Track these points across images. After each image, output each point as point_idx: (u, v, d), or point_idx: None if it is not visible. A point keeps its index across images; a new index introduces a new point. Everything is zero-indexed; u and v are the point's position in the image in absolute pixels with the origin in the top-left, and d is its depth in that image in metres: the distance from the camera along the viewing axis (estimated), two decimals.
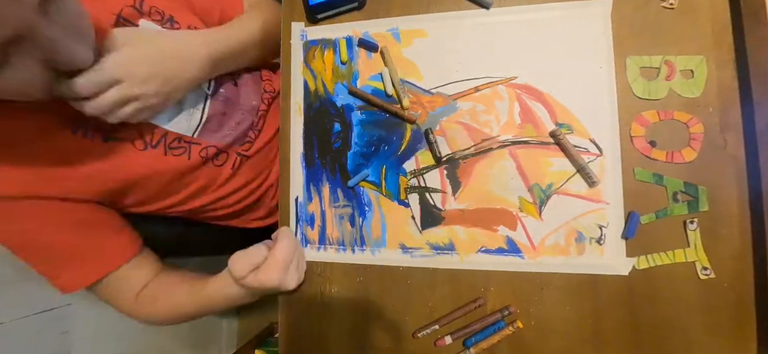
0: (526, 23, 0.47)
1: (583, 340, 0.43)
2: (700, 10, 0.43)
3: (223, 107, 0.55)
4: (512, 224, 0.46)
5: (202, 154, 0.54)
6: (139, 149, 0.48)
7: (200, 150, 0.53)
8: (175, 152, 0.51)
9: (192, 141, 0.53)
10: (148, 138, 0.49)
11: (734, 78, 0.42)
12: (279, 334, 0.52)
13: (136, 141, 0.48)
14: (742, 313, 0.40)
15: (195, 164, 0.53)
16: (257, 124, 0.60)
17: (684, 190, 0.42)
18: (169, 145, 0.51)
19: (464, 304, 0.46)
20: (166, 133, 0.50)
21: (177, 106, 0.51)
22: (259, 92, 0.61)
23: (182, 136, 0.52)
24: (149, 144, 0.49)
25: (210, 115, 0.54)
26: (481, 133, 0.48)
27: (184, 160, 0.52)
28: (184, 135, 0.52)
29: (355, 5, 0.52)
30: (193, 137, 0.53)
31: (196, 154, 0.53)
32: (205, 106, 0.54)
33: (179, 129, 0.51)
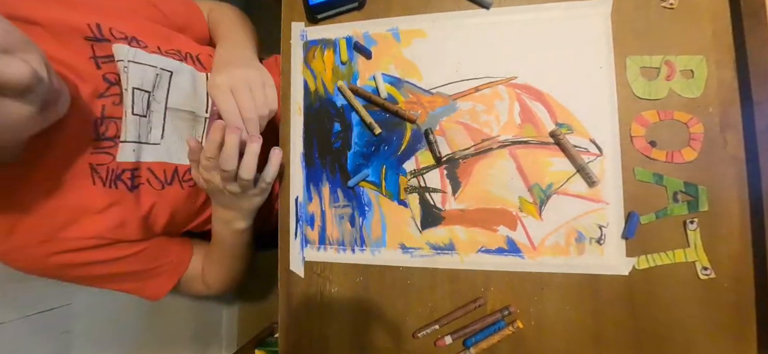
0: (526, 23, 0.47)
1: (583, 340, 0.43)
2: (700, 10, 0.43)
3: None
4: (512, 224, 0.46)
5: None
6: (157, 189, 0.50)
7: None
8: (189, 184, 0.53)
9: None
10: (163, 177, 0.50)
11: (734, 78, 0.42)
12: (279, 334, 0.52)
13: (154, 181, 0.50)
14: (742, 312, 0.40)
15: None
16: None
17: (684, 190, 0.42)
18: (182, 178, 0.52)
19: (464, 304, 0.46)
20: (176, 167, 0.52)
21: (177, 138, 0.52)
22: None
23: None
24: (165, 182, 0.51)
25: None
26: (481, 133, 0.47)
27: (196, 189, 0.54)
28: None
29: (355, 5, 0.52)
30: None
31: None
32: (204, 128, 0.55)
33: (185, 161, 0.52)
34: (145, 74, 0.48)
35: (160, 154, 0.50)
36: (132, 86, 0.46)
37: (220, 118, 0.46)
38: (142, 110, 0.48)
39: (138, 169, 0.48)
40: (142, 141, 0.48)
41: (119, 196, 0.46)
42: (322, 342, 0.50)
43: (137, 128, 0.48)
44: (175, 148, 0.51)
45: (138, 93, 0.47)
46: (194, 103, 0.53)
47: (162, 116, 0.50)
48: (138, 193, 0.48)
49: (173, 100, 0.51)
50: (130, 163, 0.47)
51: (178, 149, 0.52)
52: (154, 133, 0.49)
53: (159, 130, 0.50)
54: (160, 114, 0.50)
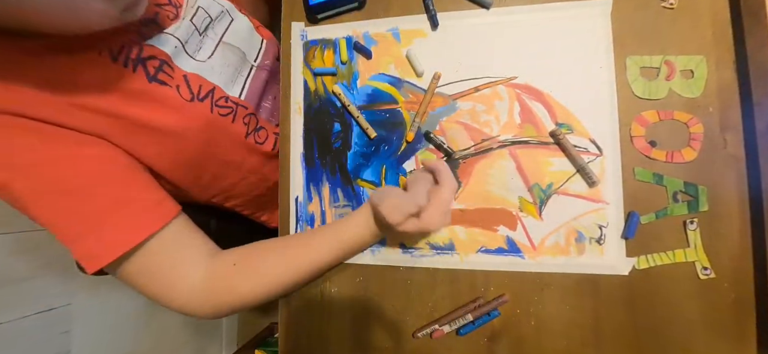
0: (526, 23, 0.47)
1: (583, 340, 0.43)
2: (700, 10, 0.43)
3: (265, 76, 0.56)
4: (512, 224, 0.46)
5: (245, 120, 0.51)
6: (185, 99, 0.43)
7: (244, 115, 0.51)
8: (222, 111, 0.47)
9: (239, 102, 0.50)
10: (197, 90, 0.45)
11: (734, 78, 0.42)
12: (279, 334, 0.52)
13: (183, 90, 0.43)
14: (742, 312, 0.40)
15: (237, 132, 0.50)
16: None
17: (684, 190, 0.42)
18: (216, 102, 0.47)
19: (464, 303, 0.46)
20: (214, 88, 0.47)
21: (225, 67, 0.50)
22: None
23: (228, 95, 0.49)
24: (196, 96, 0.45)
25: (253, 81, 0.55)
26: (481, 133, 0.48)
27: (228, 121, 0.48)
28: (231, 94, 0.50)
29: (355, 5, 0.52)
30: (239, 98, 0.51)
31: (240, 119, 0.50)
32: (249, 76, 0.55)
33: (226, 88, 0.49)
34: (212, 5, 0.51)
35: (201, 69, 0.47)
36: (198, 5, 0.49)
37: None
38: (200, 27, 0.49)
39: (171, 69, 0.42)
40: (188, 51, 0.46)
41: (133, 80, 0.39)
42: (322, 342, 0.50)
43: (188, 35, 0.47)
44: (217, 71, 0.49)
45: (201, 12, 0.49)
46: (247, 47, 0.55)
47: (215, 44, 0.50)
48: (158, 89, 0.41)
49: (229, 36, 0.52)
50: (161, 54, 0.42)
51: (220, 74, 0.49)
52: (202, 52, 0.48)
53: (207, 52, 0.49)
54: (213, 41, 0.50)
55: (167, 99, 0.42)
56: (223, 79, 0.49)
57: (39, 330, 0.73)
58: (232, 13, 0.54)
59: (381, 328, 0.49)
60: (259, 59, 0.56)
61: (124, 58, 0.39)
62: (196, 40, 0.48)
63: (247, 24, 0.55)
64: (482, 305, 0.45)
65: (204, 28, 0.50)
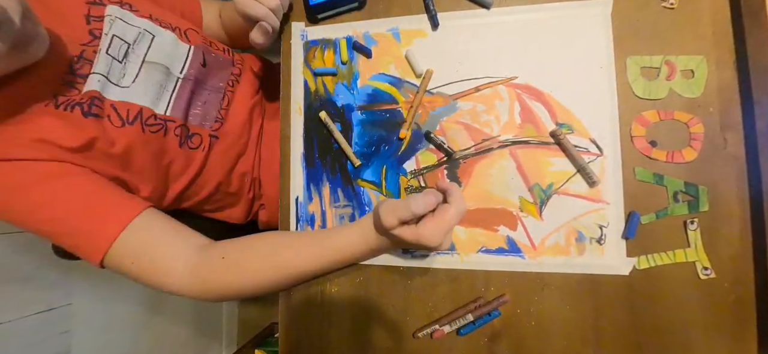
0: (527, 23, 0.47)
1: (584, 340, 0.43)
2: (700, 10, 0.43)
3: (191, 86, 0.56)
4: (512, 224, 0.46)
5: (177, 132, 0.54)
6: (116, 126, 0.48)
7: (175, 128, 0.54)
8: (152, 129, 0.51)
9: (166, 118, 0.53)
10: (125, 115, 0.49)
11: (734, 78, 0.42)
12: (279, 334, 0.52)
13: (114, 118, 0.48)
14: (743, 312, 0.40)
15: (171, 143, 0.54)
16: (224, 103, 0.61)
17: (684, 190, 0.42)
18: (146, 122, 0.50)
19: (464, 304, 0.46)
20: (142, 109, 0.50)
21: (149, 86, 0.52)
22: (228, 74, 0.62)
23: (156, 114, 0.52)
24: (126, 120, 0.49)
25: (179, 94, 0.55)
26: (481, 133, 0.48)
27: (160, 136, 0.52)
28: (158, 112, 0.52)
29: (356, 5, 0.52)
30: (166, 114, 0.53)
31: (171, 132, 0.53)
32: (175, 88, 0.55)
33: (153, 107, 0.52)
34: (128, 30, 0.51)
35: (126, 95, 0.50)
36: (112, 33, 0.50)
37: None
38: (118, 55, 0.50)
39: (101, 101, 0.47)
40: (112, 81, 0.49)
41: (73, 119, 0.45)
42: (322, 342, 0.50)
43: (108, 66, 0.49)
44: (142, 91, 0.51)
45: (117, 40, 0.50)
46: (171, 61, 0.55)
47: (138, 67, 0.52)
48: (93, 122, 0.46)
49: (151, 55, 0.53)
50: (91, 92, 0.46)
51: (146, 94, 0.51)
52: (126, 78, 0.50)
53: (132, 77, 0.51)
54: (136, 64, 0.52)
55: (103, 128, 0.47)
56: (149, 98, 0.52)
57: (39, 330, 0.73)
58: (152, 30, 0.53)
59: (381, 328, 0.49)
60: (185, 70, 0.56)
61: (64, 104, 0.45)
62: (118, 68, 0.50)
63: (170, 37, 0.55)
64: (482, 305, 0.45)
65: (123, 55, 0.50)
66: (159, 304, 1.02)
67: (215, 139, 0.59)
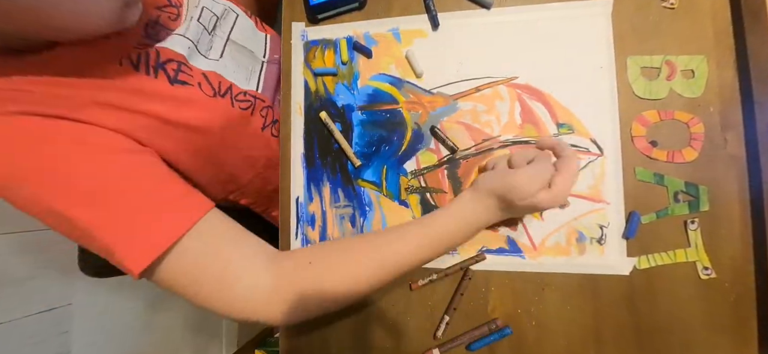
0: (527, 23, 0.47)
1: (584, 340, 0.43)
2: (700, 10, 0.43)
3: (277, 71, 0.57)
4: (513, 224, 0.46)
5: (263, 113, 0.53)
6: (208, 95, 0.44)
7: (262, 108, 0.53)
8: (241, 105, 0.48)
9: (257, 95, 0.52)
10: (217, 87, 0.45)
11: (735, 78, 0.42)
12: (279, 334, 0.52)
13: (204, 86, 0.44)
14: (743, 312, 0.40)
15: (255, 124, 0.51)
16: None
17: (685, 190, 0.42)
18: (235, 97, 0.48)
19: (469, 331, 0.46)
20: (232, 84, 0.48)
21: (236, 64, 0.51)
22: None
23: (247, 91, 0.50)
24: (218, 92, 0.45)
25: (267, 75, 0.56)
26: (481, 133, 0.48)
27: (247, 115, 0.49)
28: (249, 89, 0.51)
29: (356, 5, 0.52)
30: (256, 92, 0.53)
31: (257, 111, 0.52)
32: (262, 71, 0.55)
33: (242, 84, 0.50)
34: (216, 4, 0.51)
35: (216, 67, 0.47)
36: (202, 5, 0.49)
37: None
38: (208, 25, 0.49)
39: (189, 68, 0.43)
40: (201, 50, 0.47)
41: (151, 85, 0.39)
42: (322, 342, 0.50)
43: (198, 35, 0.47)
44: (232, 69, 0.50)
45: (207, 11, 0.49)
46: (253, 44, 0.55)
47: (223, 42, 0.51)
48: (180, 91, 0.41)
49: (236, 34, 0.53)
50: (177, 55, 0.42)
51: (235, 72, 0.50)
52: (213, 51, 0.49)
53: (219, 51, 0.50)
54: (222, 40, 0.51)
55: (191, 97, 0.42)
56: (237, 77, 0.50)
57: (39, 330, 0.73)
58: (235, 9, 0.54)
59: (381, 328, 0.49)
60: (267, 54, 0.57)
61: (145, 66, 0.40)
62: (207, 39, 0.49)
63: (249, 22, 0.56)
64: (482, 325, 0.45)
65: (212, 27, 0.50)
66: (159, 305, 1.02)
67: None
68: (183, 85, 0.41)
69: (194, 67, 0.44)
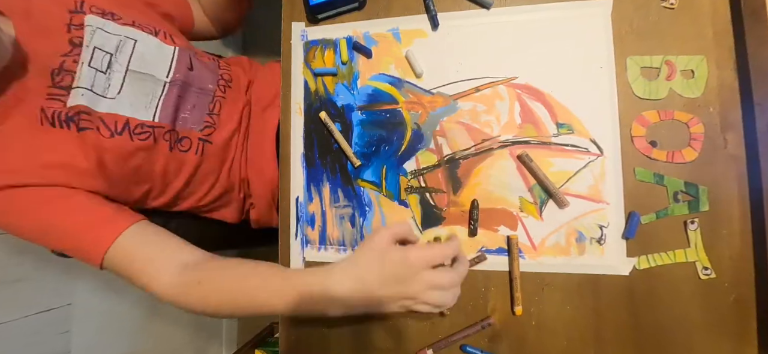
0: (527, 23, 0.47)
1: (584, 340, 0.43)
2: (700, 10, 0.43)
3: (178, 91, 0.57)
4: (513, 224, 0.46)
5: (166, 137, 0.55)
6: (105, 137, 0.50)
7: (163, 134, 0.55)
8: (141, 137, 0.52)
9: (155, 125, 0.54)
10: (113, 126, 0.51)
11: (735, 78, 0.42)
12: (279, 334, 0.52)
13: (103, 130, 0.50)
14: (743, 312, 0.40)
15: (161, 148, 0.55)
16: (214, 108, 0.61)
17: (684, 190, 0.42)
18: (133, 131, 0.52)
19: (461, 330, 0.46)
20: (128, 119, 0.52)
21: (135, 96, 0.53)
22: (215, 77, 0.63)
23: (144, 122, 0.53)
24: (115, 131, 0.51)
25: (166, 99, 0.56)
26: (481, 133, 0.48)
27: (149, 143, 0.53)
28: (145, 120, 0.53)
29: (356, 5, 0.52)
30: (154, 121, 0.54)
31: (160, 138, 0.54)
32: (161, 96, 0.56)
33: (139, 115, 0.53)
34: (108, 40, 0.52)
35: (112, 107, 0.51)
36: (94, 45, 0.50)
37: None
38: (101, 66, 0.51)
39: (89, 114, 0.49)
40: (97, 92, 0.50)
41: (67, 137, 0.48)
42: (322, 342, 0.50)
43: (92, 79, 0.50)
44: (128, 102, 0.52)
45: (99, 52, 0.51)
46: (155, 68, 0.55)
47: (122, 76, 0.53)
48: (85, 137, 0.48)
49: (135, 63, 0.53)
50: (79, 106, 0.48)
51: (133, 104, 0.53)
52: (111, 89, 0.51)
53: (117, 87, 0.52)
54: (120, 74, 0.52)
55: (94, 141, 0.49)
56: (135, 108, 0.53)
57: (39, 330, 0.73)
58: (134, 36, 0.53)
59: (381, 329, 0.49)
60: (171, 74, 0.56)
61: (58, 122, 0.48)
62: (102, 79, 0.51)
63: (153, 42, 0.55)
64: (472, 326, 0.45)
65: (106, 65, 0.51)
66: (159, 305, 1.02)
67: (208, 143, 0.60)
68: (86, 131, 0.49)
69: (94, 111, 0.49)
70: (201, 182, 0.61)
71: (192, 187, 0.61)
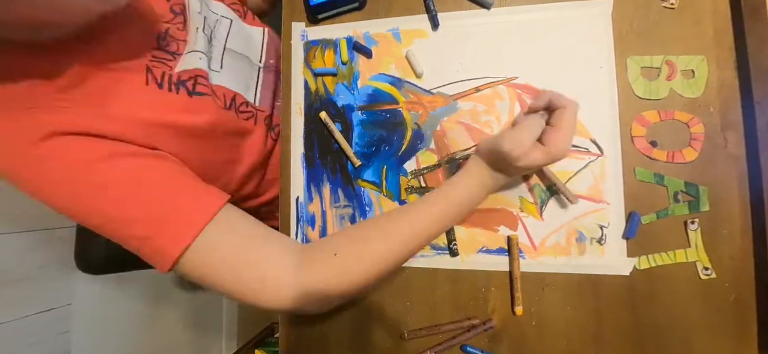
0: (527, 23, 0.47)
1: (584, 340, 0.43)
2: (700, 9, 0.43)
3: (274, 78, 0.57)
4: (513, 224, 0.46)
5: (266, 122, 0.55)
6: (220, 107, 0.47)
7: (264, 118, 0.55)
8: (244, 116, 0.51)
9: (257, 108, 0.54)
10: (223, 99, 0.49)
11: (735, 77, 0.42)
12: (279, 334, 0.52)
13: (218, 97, 0.48)
14: (743, 312, 0.40)
15: (259, 133, 0.54)
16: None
17: (685, 190, 0.42)
18: (239, 109, 0.51)
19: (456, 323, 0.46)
20: (235, 95, 0.51)
21: (236, 74, 0.52)
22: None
23: (248, 101, 0.53)
24: (225, 105, 0.49)
25: (264, 84, 0.56)
26: (481, 133, 0.47)
27: (250, 125, 0.52)
28: (249, 100, 0.53)
29: (356, 5, 0.52)
30: (256, 105, 0.54)
31: (261, 121, 0.54)
32: (259, 77, 0.56)
33: (244, 94, 0.53)
34: (209, 15, 0.51)
35: (221, 79, 0.50)
36: (203, 14, 0.49)
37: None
38: (209, 35, 0.50)
39: (206, 79, 0.46)
40: (210, 64, 0.49)
41: (175, 100, 0.42)
42: (322, 341, 0.50)
43: (206, 46, 0.48)
44: (232, 78, 0.51)
45: (207, 21, 0.50)
46: (249, 51, 0.55)
47: (221, 52, 0.52)
48: (198, 102, 0.44)
49: (232, 42, 0.53)
50: (198, 71, 0.45)
51: (237, 82, 0.52)
52: (214, 61, 0.50)
53: (218, 63, 0.51)
54: (219, 50, 0.52)
55: (207, 106, 0.45)
56: (239, 86, 0.52)
57: (39, 330, 0.73)
58: (227, 15, 0.54)
59: (381, 329, 0.49)
60: (263, 58, 0.57)
61: (167, 84, 0.42)
62: (210, 50, 0.50)
63: (243, 25, 0.56)
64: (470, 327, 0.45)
65: (210, 37, 0.50)
66: (159, 305, 1.02)
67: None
68: (200, 96, 0.44)
69: (208, 81, 0.47)
70: (273, 172, 0.60)
71: (270, 181, 0.59)
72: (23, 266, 0.72)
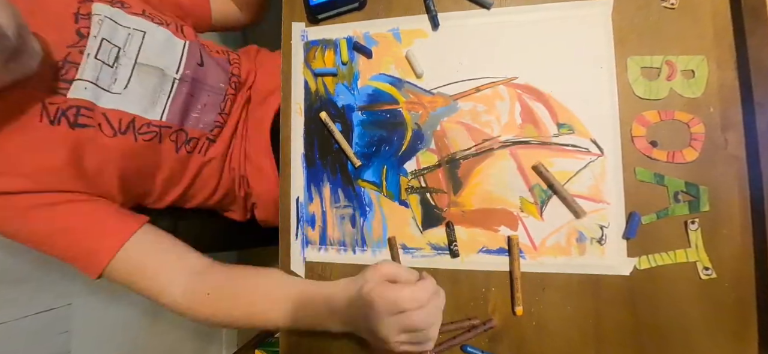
0: (527, 23, 0.47)
1: (584, 340, 0.43)
2: (701, 9, 0.43)
3: (188, 89, 0.55)
4: (513, 224, 0.46)
5: (172, 138, 0.53)
6: (108, 136, 0.48)
7: (170, 134, 0.53)
8: (146, 137, 0.50)
9: (161, 125, 0.52)
10: (117, 124, 0.48)
11: (735, 77, 0.42)
12: (279, 334, 0.52)
13: (105, 127, 0.47)
14: (744, 312, 0.40)
15: (166, 150, 0.53)
16: (225, 106, 0.59)
17: (685, 190, 0.42)
18: (139, 131, 0.50)
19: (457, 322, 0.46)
20: (134, 118, 0.50)
21: (142, 91, 0.51)
22: (227, 75, 0.61)
23: (150, 121, 0.51)
24: (118, 131, 0.48)
25: (175, 97, 0.54)
26: (481, 133, 0.47)
27: (154, 144, 0.51)
28: (152, 119, 0.51)
29: (356, 5, 0.52)
30: (161, 121, 0.52)
31: (166, 138, 0.53)
32: (170, 93, 0.53)
33: (146, 114, 0.51)
34: (117, 32, 0.49)
35: (118, 103, 0.49)
36: (102, 36, 0.48)
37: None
38: (108, 59, 0.48)
39: (91, 110, 0.46)
40: (102, 87, 0.48)
41: (59, 135, 0.44)
42: (323, 342, 0.50)
43: (97, 72, 0.47)
44: (136, 99, 0.50)
45: (106, 44, 0.48)
46: (165, 62, 0.53)
47: (130, 70, 0.50)
48: (81, 135, 0.46)
49: (143, 56, 0.51)
50: (79, 101, 0.45)
51: (140, 101, 0.51)
52: (117, 83, 0.49)
53: (123, 82, 0.50)
54: (128, 68, 0.50)
55: (92, 139, 0.46)
56: (142, 106, 0.51)
57: (39, 330, 0.73)
58: (143, 27, 0.52)
59: None
60: (181, 69, 0.54)
61: (57, 118, 0.45)
62: (109, 73, 0.48)
63: (162, 35, 0.53)
64: (470, 327, 0.45)
65: (113, 59, 0.49)
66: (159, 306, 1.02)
67: (213, 142, 0.58)
68: (83, 128, 0.46)
69: (98, 106, 0.47)
70: (205, 183, 0.60)
71: (196, 188, 0.60)
72: (24, 266, 0.72)
